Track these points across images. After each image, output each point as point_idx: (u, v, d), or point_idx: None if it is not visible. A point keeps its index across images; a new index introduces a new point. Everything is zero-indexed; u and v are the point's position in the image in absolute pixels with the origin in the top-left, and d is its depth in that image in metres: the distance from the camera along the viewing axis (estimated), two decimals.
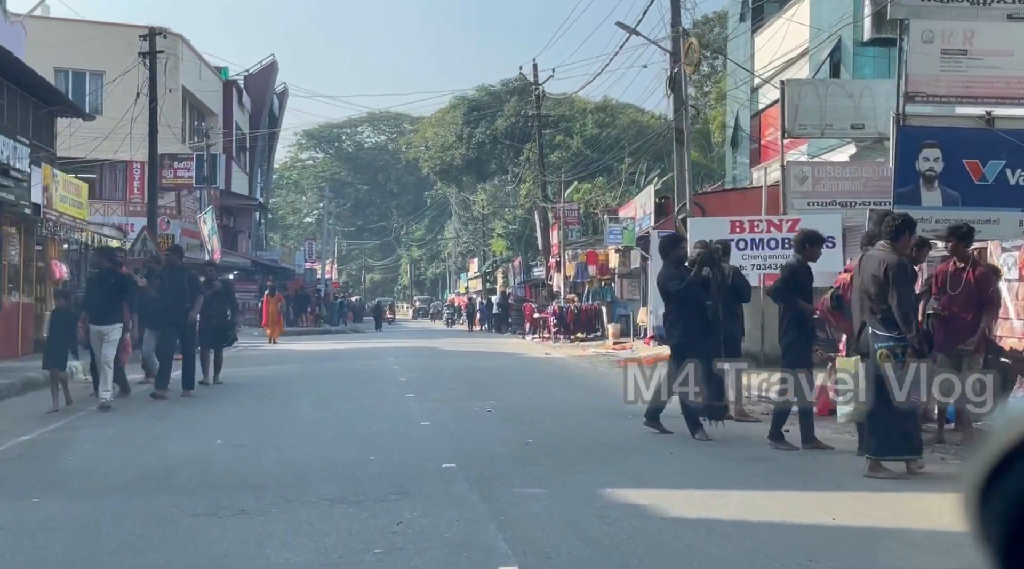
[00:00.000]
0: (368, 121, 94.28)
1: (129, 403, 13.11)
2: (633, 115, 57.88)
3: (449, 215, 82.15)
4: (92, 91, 38.78)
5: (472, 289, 70.43)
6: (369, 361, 21.44)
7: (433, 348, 26.81)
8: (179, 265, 14.36)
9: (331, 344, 30.62)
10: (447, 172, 61.29)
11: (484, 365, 20.22)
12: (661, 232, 26.38)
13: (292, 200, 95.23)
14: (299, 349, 27.33)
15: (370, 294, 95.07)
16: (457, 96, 59.36)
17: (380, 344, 29.51)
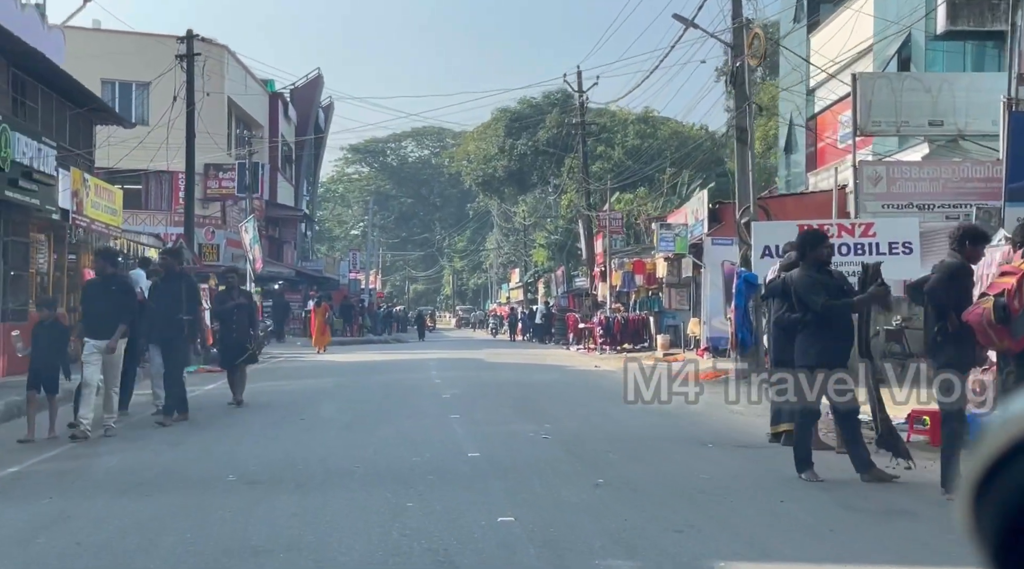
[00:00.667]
0: (412, 136, 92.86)
1: (143, 427, 11.26)
2: (674, 126, 55.79)
3: (491, 226, 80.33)
4: (138, 102, 37.39)
5: (514, 299, 68.47)
6: (410, 374, 19.51)
7: (476, 359, 24.85)
8: (177, 271, 12.06)
9: (373, 355, 28.76)
10: (489, 184, 59.41)
11: (532, 379, 18.23)
12: (715, 239, 24.31)
13: (339, 213, 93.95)
14: (340, 361, 25.48)
15: (413, 304, 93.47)
16: (499, 109, 57.55)
17: (423, 355, 27.60)
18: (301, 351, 31.26)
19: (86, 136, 24.68)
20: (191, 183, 23.57)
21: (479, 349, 31.39)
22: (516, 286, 68.24)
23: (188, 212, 23.61)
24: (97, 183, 19.76)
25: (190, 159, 23.65)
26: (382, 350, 33.41)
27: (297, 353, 29.76)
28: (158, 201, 37.64)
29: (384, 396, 14.73)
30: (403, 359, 25.82)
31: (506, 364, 22.96)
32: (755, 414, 12.34)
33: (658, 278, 29.58)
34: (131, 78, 36.77)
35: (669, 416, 12.11)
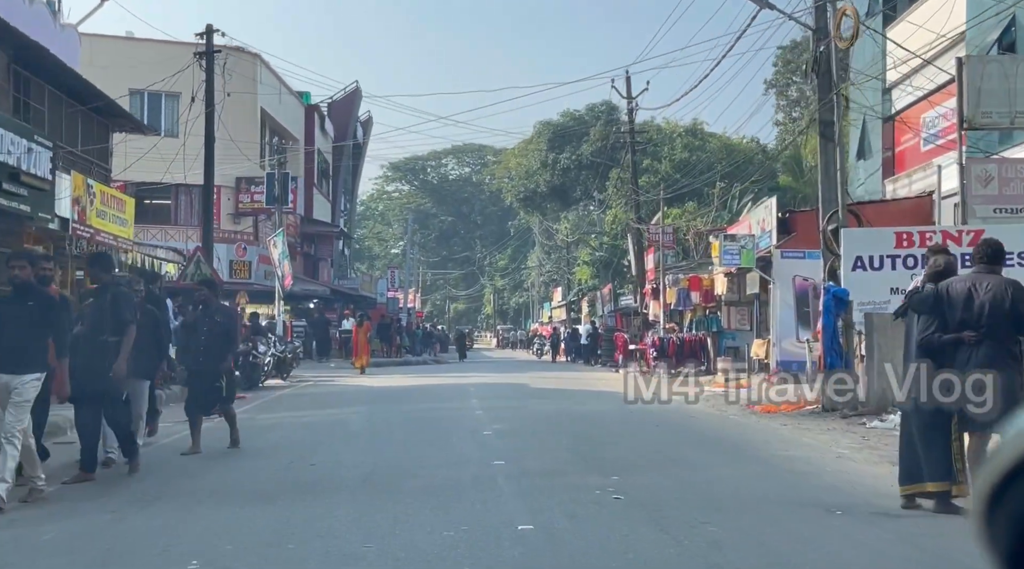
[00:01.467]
0: (452, 153, 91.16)
1: (114, 481, 9.03)
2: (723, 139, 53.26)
3: (532, 244, 78.06)
4: (167, 112, 35.62)
5: (556, 318, 66.02)
6: (448, 403, 17.16)
7: (521, 385, 22.47)
8: (107, 281, 9.06)
9: (410, 378, 26.50)
10: (531, 199, 57.17)
11: (586, 409, 15.82)
12: (785, 252, 21.78)
13: (379, 231, 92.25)
14: (373, 385, 23.23)
15: (454, 323, 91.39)
16: (541, 122, 55.33)
17: (462, 379, 25.24)
18: (334, 373, 29.09)
19: (101, 143, 22.79)
20: (210, 191, 21.55)
21: (522, 372, 29.01)
22: (559, 305, 65.80)
23: (207, 221, 21.56)
24: (104, 190, 17.75)
25: (209, 165, 21.62)
26: (420, 372, 31.14)
27: (330, 376, 27.58)
28: (188, 216, 35.80)
29: (415, 433, 12.38)
30: (441, 384, 23.50)
31: (554, 391, 20.54)
32: (869, 462, 9.88)
33: (716, 295, 27.06)
34: (159, 88, 34.99)
35: (766, 464, 9.66)
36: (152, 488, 8.38)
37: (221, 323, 10.90)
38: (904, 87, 21.18)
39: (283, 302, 28.66)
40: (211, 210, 21.28)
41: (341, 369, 32.02)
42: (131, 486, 8.54)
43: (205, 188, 21.32)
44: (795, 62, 58.81)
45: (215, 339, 10.73)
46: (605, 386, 22.22)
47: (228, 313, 11.68)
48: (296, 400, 18.91)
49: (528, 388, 21.17)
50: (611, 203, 49.70)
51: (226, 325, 10.98)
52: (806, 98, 59.02)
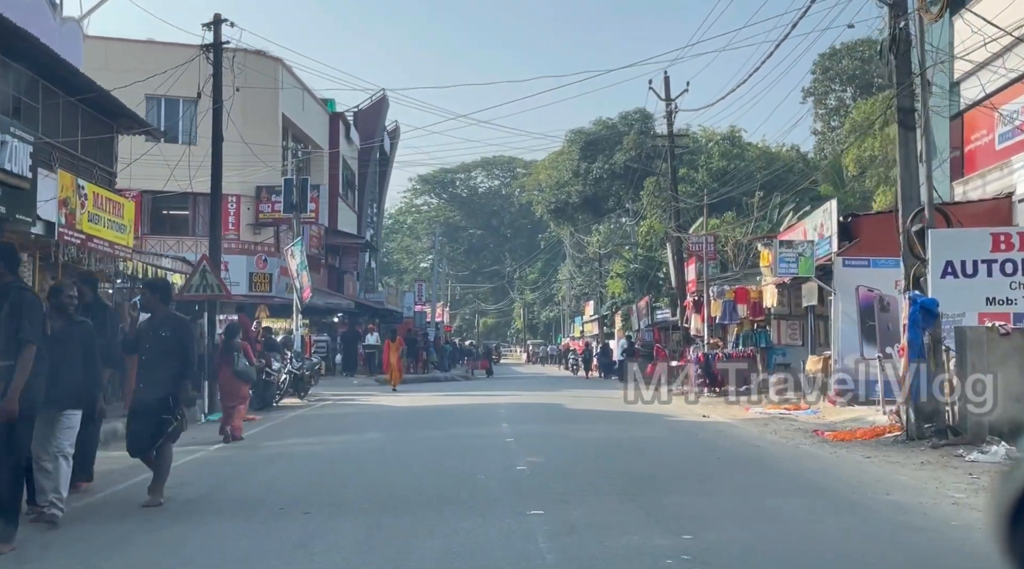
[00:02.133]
0: (482, 166, 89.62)
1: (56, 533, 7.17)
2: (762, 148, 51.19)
3: (562, 257, 76.13)
4: (187, 119, 34.11)
5: (588, 333, 63.95)
6: (476, 428, 15.21)
7: (555, 405, 20.50)
8: (8, 282, 6.86)
9: (436, 397, 24.62)
10: (562, 210, 55.34)
11: (633, 436, 13.83)
12: (847, 260, 19.71)
13: (407, 244, 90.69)
14: (394, 404, 21.38)
15: (483, 338, 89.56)
16: (573, 131, 53.56)
17: (492, 398, 23.31)
18: (356, 391, 27.27)
19: (103, 143, 21.15)
20: (217, 193, 19.79)
21: (555, 390, 27.04)
22: (590, 319, 63.73)
23: (214, 228, 19.78)
24: (98, 192, 16.04)
25: (216, 165, 19.91)
26: (447, 390, 29.24)
27: (351, 394, 25.76)
28: (206, 226, 34.15)
29: (435, 470, 10.44)
30: (469, 404, 21.56)
31: (591, 413, 18.54)
32: None
33: (765, 308, 24.99)
34: (176, 94, 33.48)
35: (870, 514, 7.63)
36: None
37: (167, 338, 8.49)
38: (978, 76, 19.06)
39: (301, 316, 26.91)
40: (219, 214, 19.56)
41: (364, 387, 30.21)
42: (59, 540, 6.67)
43: (213, 191, 19.61)
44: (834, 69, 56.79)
45: (159, 359, 8.38)
46: (649, 408, 20.20)
47: (179, 325, 8.79)
48: (308, 423, 17.08)
49: (563, 410, 19.20)
50: (645, 213, 47.74)
51: (175, 341, 8.50)
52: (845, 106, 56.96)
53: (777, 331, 24.90)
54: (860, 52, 55.25)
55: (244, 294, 32.93)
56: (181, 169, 32.27)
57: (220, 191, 19.51)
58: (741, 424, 16.21)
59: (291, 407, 21.37)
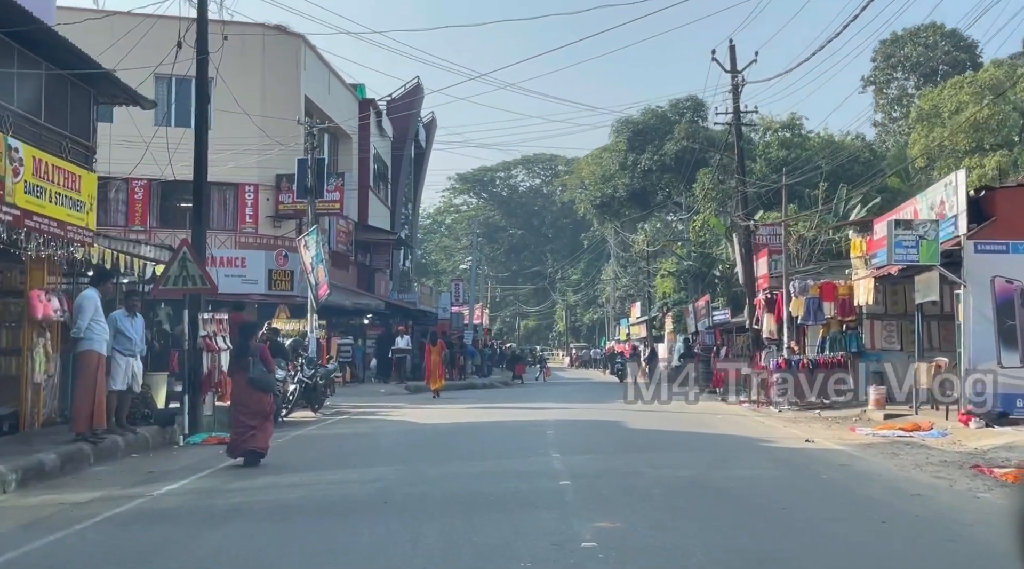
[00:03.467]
0: (522, 163, 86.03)
1: None
2: (824, 137, 47.02)
3: (606, 257, 72.22)
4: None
5: (635, 335, 60.05)
6: (518, 460, 11.44)
7: (612, 423, 16.67)
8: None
9: (470, 410, 20.95)
10: (608, 206, 51.42)
11: (732, 477, 10.01)
12: (981, 244, 15.74)
13: (446, 245, 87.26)
14: (420, 420, 17.72)
15: (524, 341, 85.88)
16: (619, 121, 49.67)
17: (536, 411, 19.52)
18: (382, 401, 23.70)
19: (80, 117, 17.77)
20: (201, 168, 16.21)
21: (608, 400, 23.20)
22: (637, 321, 59.80)
23: (197, 210, 16.20)
24: (39, 156, 12.57)
25: (200, 138, 16.36)
26: (486, 399, 25.53)
27: (374, 405, 22.20)
28: (221, 219, 30.84)
29: (459, 541, 6.73)
30: (510, 420, 17.79)
31: (662, 436, 14.70)
32: None
33: (856, 306, 21.04)
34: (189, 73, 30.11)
35: None
36: None
37: None
38: None
39: (317, 316, 23.39)
40: (201, 204, 15.98)
41: (392, 396, 26.64)
42: None
43: (196, 179, 16.06)
44: (896, 57, 52.42)
45: None
46: (729, 427, 16.34)
47: None
48: (308, 448, 13.50)
49: (625, 431, 15.39)
50: (699, 207, 43.76)
51: None
52: (908, 96, 52.52)
53: (871, 333, 20.94)
54: (924, 38, 50.99)
55: (263, 293, 29.54)
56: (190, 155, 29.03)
57: (204, 178, 15.92)
58: (861, 453, 12.31)
59: (300, 422, 17.84)
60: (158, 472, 11.09)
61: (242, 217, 30.48)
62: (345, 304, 33.40)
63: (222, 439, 14.31)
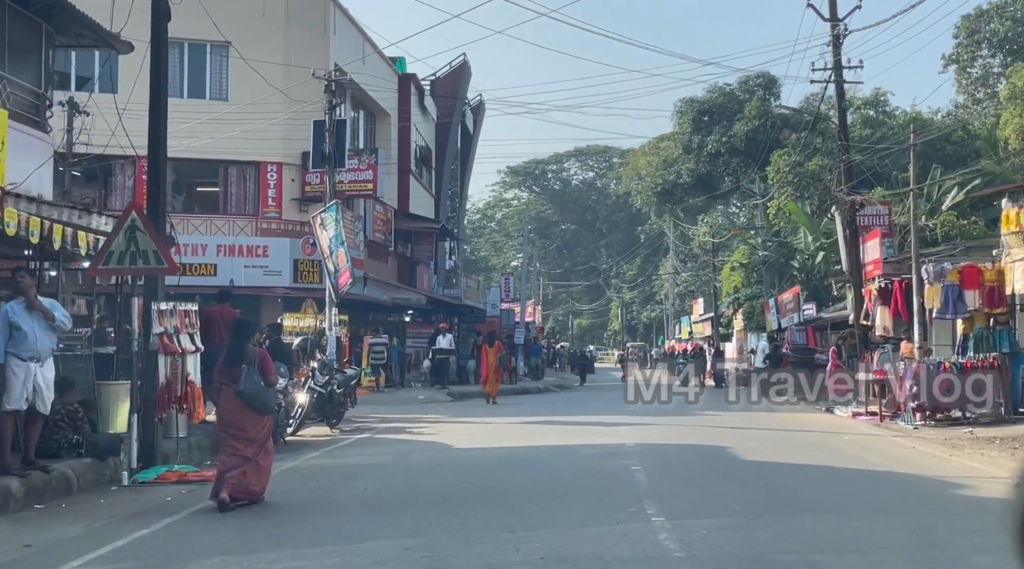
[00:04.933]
0: (575, 156, 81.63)
1: None
2: (911, 115, 42.04)
3: (664, 252, 67.50)
4: (214, 69, 26.92)
5: (697, 334, 55.33)
6: (597, 529, 7.06)
7: (718, 450, 12.26)
8: None
9: (525, 425, 16.69)
10: (670, 193, 46.69)
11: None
12: None
13: (496, 241, 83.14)
14: (462, 444, 13.48)
15: (577, 341, 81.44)
16: (683, 100, 44.99)
17: (607, 433, 15.08)
18: (416, 412, 19.58)
19: (28, 56, 13.91)
20: (159, 147, 12.07)
21: (689, 413, 18.77)
22: (701, 319, 55.09)
23: (153, 198, 11.99)
24: None
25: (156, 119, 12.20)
26: (541, 409, 21.24)
27: (405, 419, 18.06)
28: (241, 202, 26.94)
29: None
30: (574, 445, 13.41)
31: (798, 472, 10.21)
32: None
33: (1009, 295, 16.43)
34: (203, 37, 26.26)
35: None
36: None
37: None
38: None
39: (337, 309, 19.27)
40: (157, 183, 11.82)
41: (431, 404, 22.50)
42: None
43: (151, 149, 11.93)
44: (981, 32, 47.08)
45: None
46: (872, 455, 11.84)
47: None
48: (295, 491, 9.33)
49: (740, 463, 10.99)
50: (774, 193, 39.02)
51: None
52: (993, 75, 47.09)
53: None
54: (1011, 12, 45.73)
55: (287, 286, 25.61)
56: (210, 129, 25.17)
57: (162, 152, 11.77)
58: None
59: (307, 444, 13.78)
60: (41, 546, 7.01)
61: (264, 200, 26.54)
62: (382, 299, 29.37)
63: (184, 475, 10.25)
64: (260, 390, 8.76)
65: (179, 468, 10.59)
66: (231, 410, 8.71)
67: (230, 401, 8.74)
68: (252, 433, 8.68)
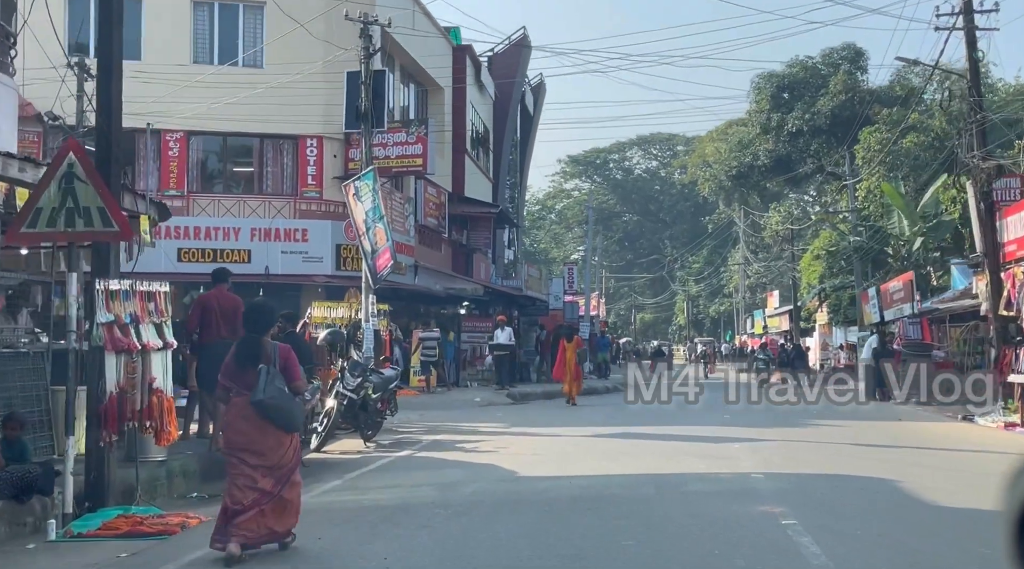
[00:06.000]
0: (637, 144, 77.91)
1: None
2: (1016, 85, 37.72)
3: (733, 242, 63.52)
4: (248, 32, 23.93)
5: (772, 328, 51.40)
6: None
7: (884, 484, 8.80)
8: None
9: (608, 440, 13.37)
10: (745, 177, 42.95)
11: None
12: None
13: (557, 233, 79.76)
14: (529, 470, 10.17)
15: (640, 336, 77.71)
16: (761, 75, 41.15)
17: (716, 452, 11.65)
18: (474, 418, 16.36)
19: None
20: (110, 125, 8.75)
21: (800, 423, 15.27)
22: (776, 312, 51.16)
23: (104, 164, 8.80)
24: None
25: (106, 83, 8.85)
26: (618, 416, 17.85)
27: (462, 425, 14.86)
28: (278, 182, 23.99)
29: None
30: (680, 474, 9.97)
31: None
32: None
33: None
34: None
35: None
36: None
37: None
38: None
39: (375, 298, 16.07)
40: (111, 130, 8.55)
41: (489, 409, 19.28)
42: None
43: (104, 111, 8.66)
44: None
45: None
46: None
47: None
48: (281, 561, 6.11)
49: (933, 510, 7.53)
50: (864, 174, 35.06)
51: None
52: None
53: None
54: None
55: (328, 275, 22.62)
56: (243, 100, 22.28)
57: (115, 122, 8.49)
58: None
59: (331, 466, 10.66)
60: None
61: (303, 179, 23.54)
62: (435, 289, 26.26)
63: (138, 523, 7.15)
64: (285, 399, 6.35)
65: (137, 512, 7.48)
66: (243, 427, 6.29)
67: (242, 414, 6.30)
68: (273, 458, 6.29)
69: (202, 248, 22.33)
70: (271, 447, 6.25)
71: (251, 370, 6.29)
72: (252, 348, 6.40)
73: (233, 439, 6.35)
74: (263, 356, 6.32)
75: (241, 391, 6.30)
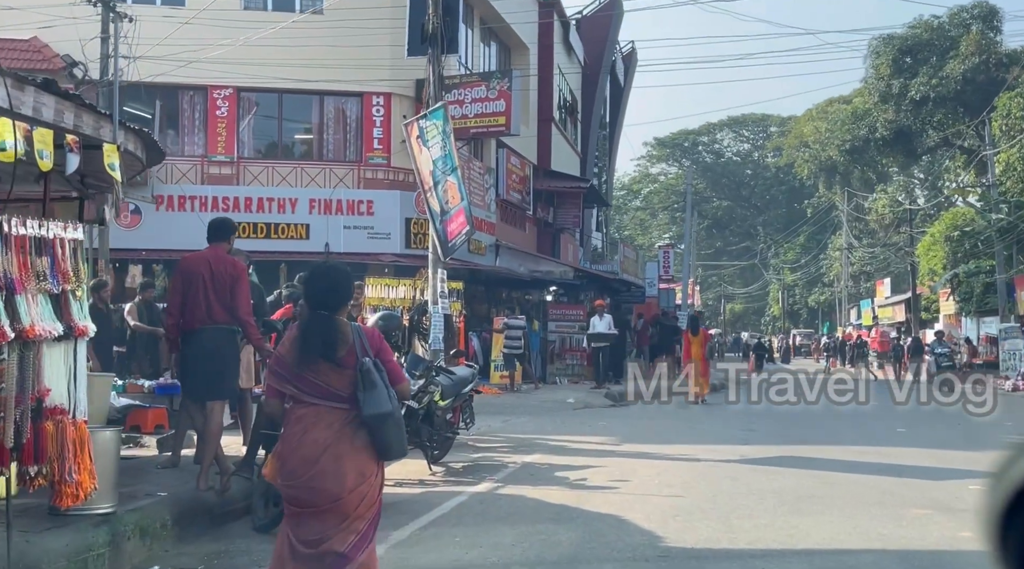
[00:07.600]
0: (728, 125, 73.17)
1: None
2: None
3: (835, 228, 58.50)
4: None
5: (884, 319, 46.55)
6: None
7: None
8: None
9: (761, 471, 9.66)
10: (860, 151, 38.37)
11: None
12: None
13: (642, 219, 75.56)
14: (663, 530, 6.53)
15: (731, 327, 73.13)
16: (879, 38, 36.52)
17: (933, 491, 7.89)
18: (569, 427, 12.78)
19: None
20: None
21: (976, 443, 11.35)
22: (888, 302, 46.33)
23: None
24: None
25: None
26: (758, 426, 14.08)
27: (555, 438, 11.32)
28: (340, 146, 20.74)
29: None
30: (915, 553, 6.28)
31: None
32: None
33: None
34: None
35: None
36: None
37: None
38: None
39: (444, 273, 12.49)
40: None
41: (585, 413, 15.67)
42: None
43: None
44: None
45: None
46: None
47: None
48: None
49: None
50: (1003, 145, 30.38)
51: None
52: None
53: None
54: None
55: (397, 253, 19.33)
56: (300, 51, 19.10)
57: None
58: None
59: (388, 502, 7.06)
60: None
61: (368, 143, 20.24)
62: (519, 271, 22.77)
63: None
64: (399, 414, 4.08)
65: None
66: (308, 453, 3.90)
67: (312, 436, 3.91)
68: (351, 500, 3.88)
69: (254, 221, 19.24)
70: (351, 484, 3.87)
71: (325, 366, 3.95)
72: (326, 332, 3.97)
73: (290, 470, 3.91)
74: (341, 343, 3.93)
75: (305, 398, 3.92)
